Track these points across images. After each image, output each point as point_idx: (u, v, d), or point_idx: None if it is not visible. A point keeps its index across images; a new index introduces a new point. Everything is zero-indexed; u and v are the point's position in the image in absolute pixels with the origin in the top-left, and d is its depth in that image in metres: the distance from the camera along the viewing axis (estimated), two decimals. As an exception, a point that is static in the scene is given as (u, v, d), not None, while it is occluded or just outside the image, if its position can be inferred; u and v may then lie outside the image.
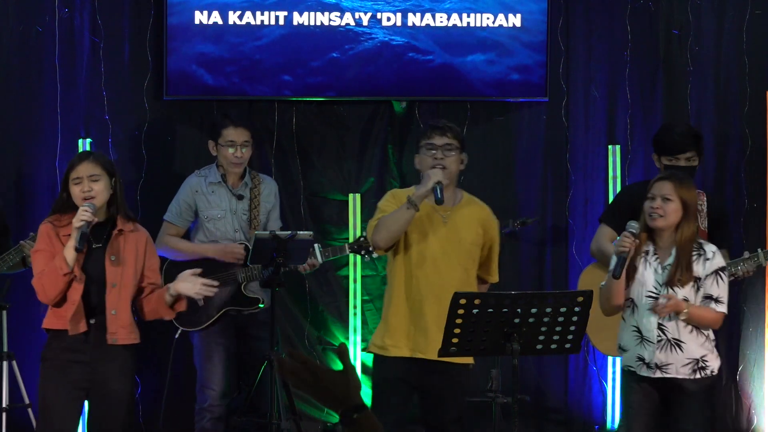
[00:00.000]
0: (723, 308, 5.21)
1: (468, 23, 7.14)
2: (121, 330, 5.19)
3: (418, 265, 5.26)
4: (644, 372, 5.19)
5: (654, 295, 5.18)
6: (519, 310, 4.76)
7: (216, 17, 7.01)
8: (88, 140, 7.00)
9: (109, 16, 7.05)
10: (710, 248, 5.26)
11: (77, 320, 5.12)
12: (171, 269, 6.32)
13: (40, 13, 7.00)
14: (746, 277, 6.16)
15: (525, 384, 7.04)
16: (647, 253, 5.23)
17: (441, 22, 7.13)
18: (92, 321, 5.16)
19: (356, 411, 2.54)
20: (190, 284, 5.28)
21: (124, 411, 5.22)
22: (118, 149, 7.07)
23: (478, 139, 7.31)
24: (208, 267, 6.31)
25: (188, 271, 5.33)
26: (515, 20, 7.16)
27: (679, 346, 5.16)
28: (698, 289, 5.19)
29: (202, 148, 7.05)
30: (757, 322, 7.31)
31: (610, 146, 7.32)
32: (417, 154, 5.37)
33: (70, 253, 5.08)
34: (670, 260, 5.18)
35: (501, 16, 7.16)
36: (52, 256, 5.13)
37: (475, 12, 7.14)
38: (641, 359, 5.19)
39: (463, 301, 4.73)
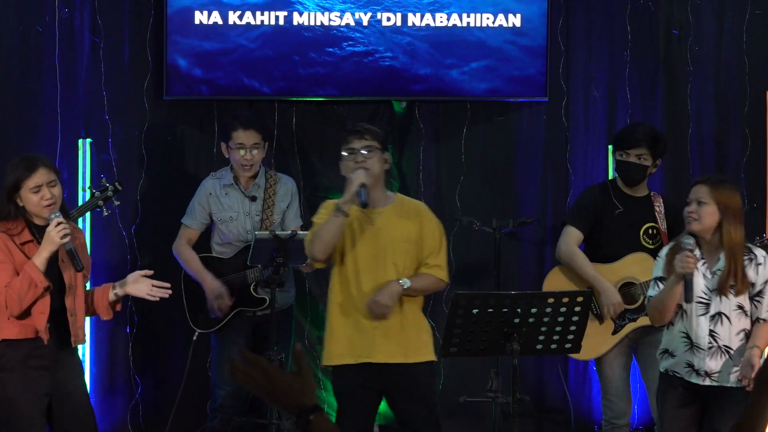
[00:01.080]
0: None
1: (468, 23, 7.14)
2: (80, 331, 5.15)
3: (353, 271, 5.26)
4: (693, 379, 5.11)
5: (704, 300, 5.11)
6: (519, 310, 4.76)
7: (216, 17, 7.01)
8: (88, 140, 7.00)
9: (109, 16, 7.05)
10: (761, 253, 5.19)
11: (46, 330, 5.03)
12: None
13: (40, 13, 7.00)
14: None
15: (525, 384, 7.04)
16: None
17: (441, 22, 7.13)
18: (48, 325, 5.05)
19: (311, 412, 2.52)
20: (143, 285, 5.20)
21: (87, 412, 5.19)
22: (118, 149, 7.07)
23: (478, 139, 7.31)
24: (219, 267, 6.35)
25: (137, 273, 5.25)
26: (515, 20, 7.16)
27: (729, 354, 5.09)
28: (756, 295, 5.11)
29: (202, 148, 7.06)
30: (757, 322, 7.30)
31: (610, 146, 7.32)
32: (340, 161, 5.35)
33: (43, 264, 4.94)
34: (719, 265, 5.11)
35: (501, 16, 7.16)
36: (13, 268, 5.00)
37: (475, 12, 7.14)
38: (690, 365, 5.11)
39: (463, 302, 4.73)
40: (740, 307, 5.10)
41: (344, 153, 5.29)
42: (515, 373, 4.87)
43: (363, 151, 5.24)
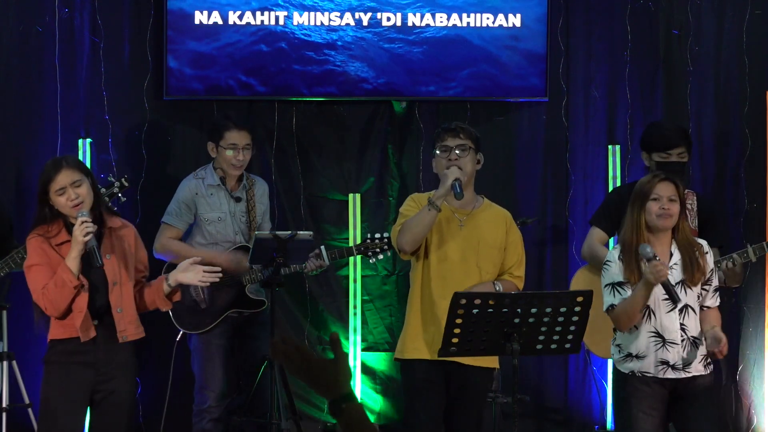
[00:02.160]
0: (718, 299, 5.28)
1: (468, 23, 7.14)
2: (130, 326, 5.18)
3: (436, 269, 5.31)
4: (669, 374, 5.14)
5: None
6: (519, 310, 4.76)
7: (216, 17, 7.01)
8: (88, 140, 7.00)
9: (109, 16, 7.05)
10: (704, 242, 5.29)
11: (86, 327, 5.08)
12: (170, 270, 6.33)
13: (40, 13, 7.00)
14: (727, 275, 6.15)
15: (525, 384, 7.04)
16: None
17: (441, 22, 7.13)
18: (95, 323, 5.12)
19: (345, 401, 2.57)
20: (192, 273, 5.25)
21: (127, 412, 5.21)
22: (118, 149, 7.07)
23: (478, 139, 7.32)
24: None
25: (187, 261, 5.30)
26: (515, 20, 7.16)
27: (695, 344, 5.17)
28: (704, 283, 5.21)
29: (201, 148, 7.05)
30: (757, 322, 7.31)
31: (610, 146, 7.33)
32: (433, 157, 5.42)
33: (73, 264, 5.01)
34: (675, 259, 5.18)
35: (501, 16, 7.16)
36: (51, 269, 5.07)
37: (475, 12, 7.14)
38: (665, 363, 5.14)
39: (463, 301, 4.73)
40: (699, 296, 5.20)
41: (437, 151, 5.36)
42: (515, 373, 4.87)
43: (457, 150, 5.31)
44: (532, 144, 7.38)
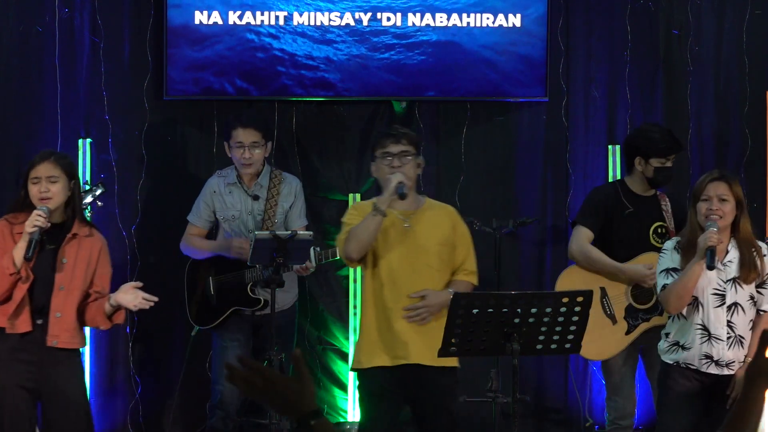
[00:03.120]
0: None
1: (468, 23, 7.14)
2: (64, 333, 5.17)
3: (387, 275, 5.25)
4: (712, 370, 5.20)
5: (720, 291, 5.21)
6: (519, 310, 4.76)
7: (216, 17, 7.01)
8: (88, 140, 7.00)
9: (109, 16, 7.05)
10: (764, 245, 5.33)
11: (17, 319, 5.09)
12: (191, 268, 6.39)
13: (40, 13, 7.00)
14: None
15: (525, 384, 7.03)
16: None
17: (441, 22, 7.13)
18: (39, 321, 5.14)
19: (312, 417, 2.50)
20: (131, 296, 5.24)
21: (80, 414, 5.21)
22: (118, 149, 7.07)
23: (478, 139, 7.32)
24: (220, 265, 6.35)
25: (129, 284, 5.31)
26: (515, 20, 7.16)
27: (742, 343, 5.22)
28: (760, 285, 5.25)
29: (202, 148, 7.06)
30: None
31: (610, 146, 7.33)
32: (373, 162, 5.35)
33: (18, 254, 5.05)
34: (730, 257, 5.23)
35: (501, 16, 7.16)
36: (2, 255, 5.11)
37: (475, 12, 7.14)
38: (709, 357, 5.20)
39: (463, 302, 4.73)
40: (752, 297, 5.23)
41: (378, 156, 5.31)
42: (515, 373, 4.87)
43: (399, 156, 5.26)
44: (532, 144, 7.38)
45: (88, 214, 6.47)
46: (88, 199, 6.42)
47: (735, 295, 5.22)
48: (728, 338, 5.19)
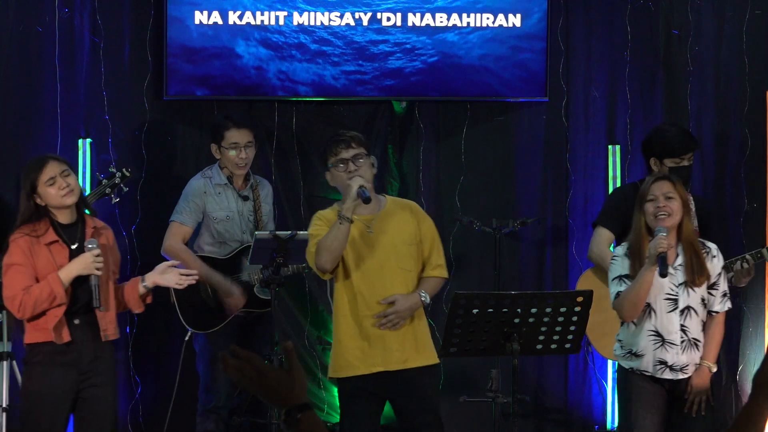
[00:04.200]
0: (729, 303, 5.26)
1: (468, 23, 7.14)
2: (110, 325, 5.17)
3: (359, 284, 5.20)
4: (666, 375, 5.15)
5: (672, 296, 5.15)
6: (519, 310, 4.76)
7: (216, 17, 7.01)
8: (88, 140, 7.00)
9: (109, 16, 7.05)
10: (713, 246, 5.28)
11: (60, 330, 5.06)
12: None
13: (40, 13, 6.99)
14: (741, 277, 6.13)
15: (525, 384, 7.04)
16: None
17: (441, 22, 7.13)
18: (76, 321, 5.11)
19: (300, 410, 2.53)
20: (170, 275, 5.24)
21: (110, 412, 5.21)
22: (118, 149, 7.07)
23: (478, 139, 7.31)
24: (220, 269, 6.32)
25: (165, 264, 5.31)
26: (515, 20, 7.16)
27: (697, 346, 5.17)
28: (710, 287, 5.20)
29: (202, 148, 7.05)
30: (757, 322, 7.31)
31: (610, 146, 7.32)
32: (327, 170, 5.29)
33: (68, 280, 5.01)
34: (680, 260, 5.17)
35: (501, 16, 7.16)
36: (32, 272, 5.04)
37: (475, 12, 7.14)
38: (663, 363, 5.14)
39: (463, 302, 4.74)
40: (703, 299, 5.18)
41: (331, 164, 5.24)
42: (515, 373, 4.88)
43: (353, 161, 5.21)
44: (532, 144, 7.38)
45: (113, 201, 6.43)
46: (116, 180, 6.35)
47: (687, 299, 5.15)
48: (681, 342, 5.13)
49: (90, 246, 5.04)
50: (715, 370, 5.23)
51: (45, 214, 5.11)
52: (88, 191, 6.47)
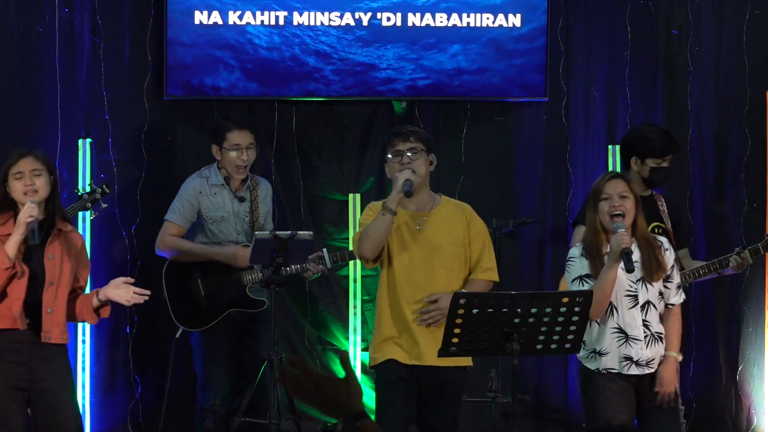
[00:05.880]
0: (683, 295, 5.33)
1: (468, 23, 7.14)
2: (56, 329, 5.18)
3: (401, 275, 5.29)
4: (633, 371, 5.20)
5: (632, 292, 5.21)
6: (519, 310, 4.76)
7: (216, 17, 7.01)
8: (88, 140, 7.00)
9: (109, 16, 7.05)
10: (664, 239, 5.37)
11: (21, 317, 5.10)
12: (171, 268, 6.34)
13: (40, 13, 7.00)
14: (739, 267, 6.17)
15: (525, 384, 7.04)
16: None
17: (441, 22, 7.13)
18: (27, 321, 5.14)
19: (358, 418, 2.54)
20: (123, 291, 5.26)
21: (69, 408, 5.21)
22: (118, 149, 7.07)
23: (478, 139, 7.32)
24: (213, 268, 6.32)
25: (119, 279, 5.32)
26: (515, 20, 7.16)
27: (660, 339, 5.24)
28: (665, 280, 5.27)
29: (202, 148, 7.05)
30: (757, 322, 7.31)
31: (610, 146, 7.33)
32: (385, 162, 5.42)
33: (11, 247, 5.04)
34: (636, 256, 5.22)
35: (501, 16, 7.16)
36: None
37: (475, 12, 7.14)
38: (628, 358, 5.20)
39: (463, 301, 4.73)
40: (660, 293, 5.25)
41: (389, 155, 5.36)
42: (515, 373, 4.88)
43: (408, 153, 5.30)
44: (532, 144, 7.38)
45: (92, 216, 6.48)
46: (96, 197, 6.41)
47: (646, 294, 5.21)
48: (645, 337, 5.19)
49: (28, 202, 5.06)
50: (680, 359, 5.31)
51: (11, 207, 5.14)
52: (82, 191, 6.50)
